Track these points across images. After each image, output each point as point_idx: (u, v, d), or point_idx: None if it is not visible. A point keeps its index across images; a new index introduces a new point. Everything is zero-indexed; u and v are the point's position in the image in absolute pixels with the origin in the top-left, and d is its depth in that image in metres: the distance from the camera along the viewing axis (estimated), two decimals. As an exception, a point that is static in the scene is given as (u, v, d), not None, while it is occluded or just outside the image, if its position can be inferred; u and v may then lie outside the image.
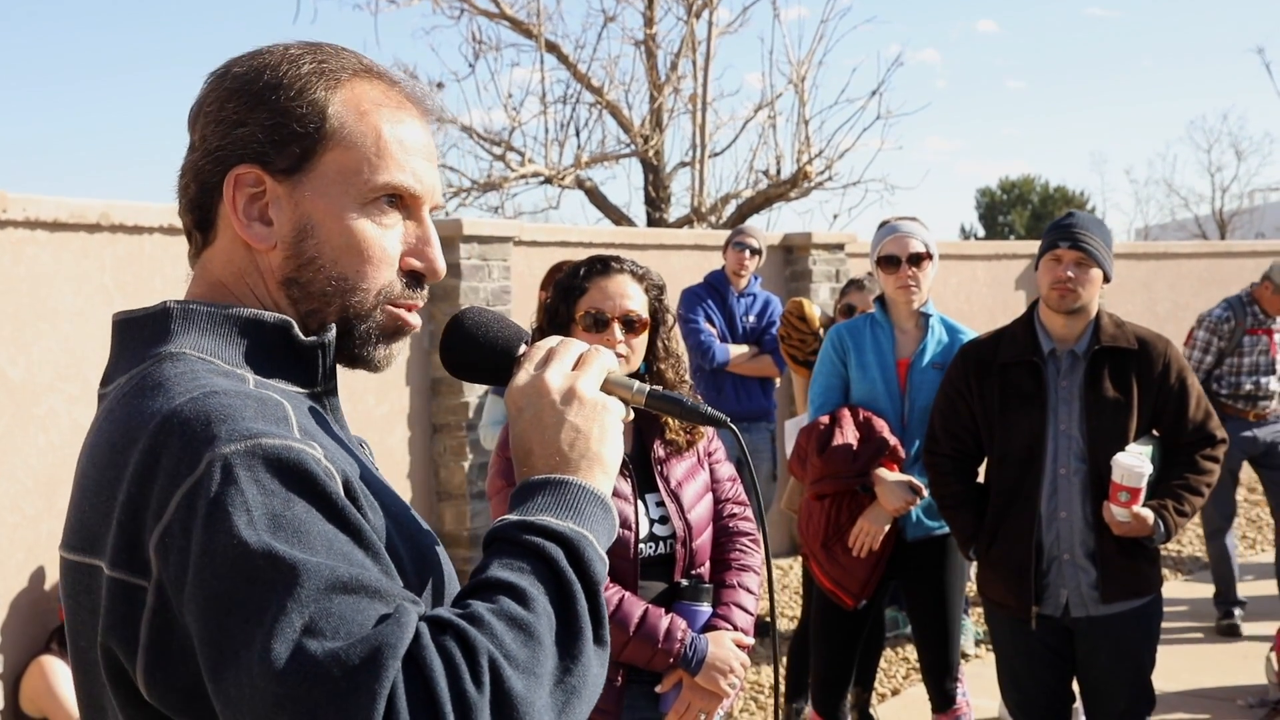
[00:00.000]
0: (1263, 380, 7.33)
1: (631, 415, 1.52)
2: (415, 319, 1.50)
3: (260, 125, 1.40)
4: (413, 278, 1.48)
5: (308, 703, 1.12)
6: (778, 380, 7.28)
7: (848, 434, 4.47)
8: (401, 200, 1.46)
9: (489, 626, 1.20)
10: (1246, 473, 7.94)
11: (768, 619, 7.40)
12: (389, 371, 1.68)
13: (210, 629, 1.17)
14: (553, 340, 1.48)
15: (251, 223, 1.42)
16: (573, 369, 1.44)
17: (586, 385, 1.42)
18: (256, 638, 1.14)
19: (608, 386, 1.48)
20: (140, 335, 1.42)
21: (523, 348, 1.50)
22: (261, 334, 1.41)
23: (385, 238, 1.44)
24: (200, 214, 1.46)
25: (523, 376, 1.43)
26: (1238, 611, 7.30)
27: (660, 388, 1.54)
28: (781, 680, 6.22)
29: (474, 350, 1.51)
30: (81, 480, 1.34)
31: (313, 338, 1.43)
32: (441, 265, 1.50)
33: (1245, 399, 7.33)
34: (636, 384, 1.52)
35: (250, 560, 1.17)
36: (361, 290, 1.44)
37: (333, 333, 1.44)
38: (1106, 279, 4.07)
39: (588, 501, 1.36)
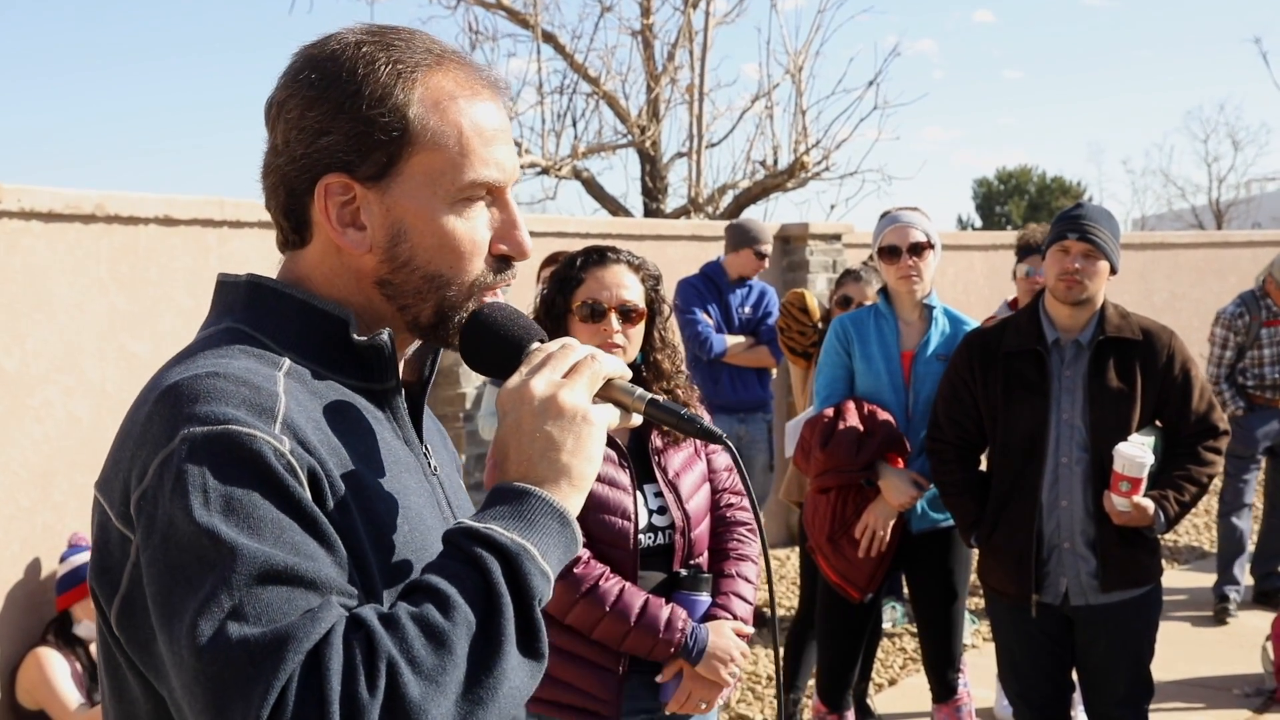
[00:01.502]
0: None
1: (638, 420, 1.52)
2: (500, 293, 1.55)
3: (344, 134, 1.44)
4: (502, 261, 1.53)
5: (218, 681, 1.19)
6: (774, 371, 7.28)
7: (852, 426, 4.46)
8: (488, 190, 1.50)
9: (401, 630, 1.24)
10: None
11: (765, 610, 7.41)
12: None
13: (158, 593, 1.25)
14: (555, 344, 1.49)
15: (345, 230, 1.47)
16: (563, 377, 1.44)
17: (569, 395, 1.42)
18: (189, 610, 1.22)
19: (609, 392, 1.49)
20: (224, 299, 1.52)
21: (533, 346, 1.50)
22: (320, 324, 1.48)
23: (475, 231, 1.49)
24: (294, 219, 1.51)
25: (514, 380, 1.45)
26: (1234, 595, 7.35)
27: (661, 398, 1.53)
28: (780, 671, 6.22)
29: (485, 343, 1.52)
30: (120, 425, 1.42)
31: (365, 339, 1.48)
32: (529, 245, 1.55)
33: (1272, 388, 7.54)
34: (638, 391, 1.51)
35: (198, 538, 1.24)
36: (456, 284, 1.49)
37: (386, 334, 1.48)
38: (1114, 271, 4.07)
39: (543, 514, 1.36)
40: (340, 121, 1.44)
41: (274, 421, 1.32)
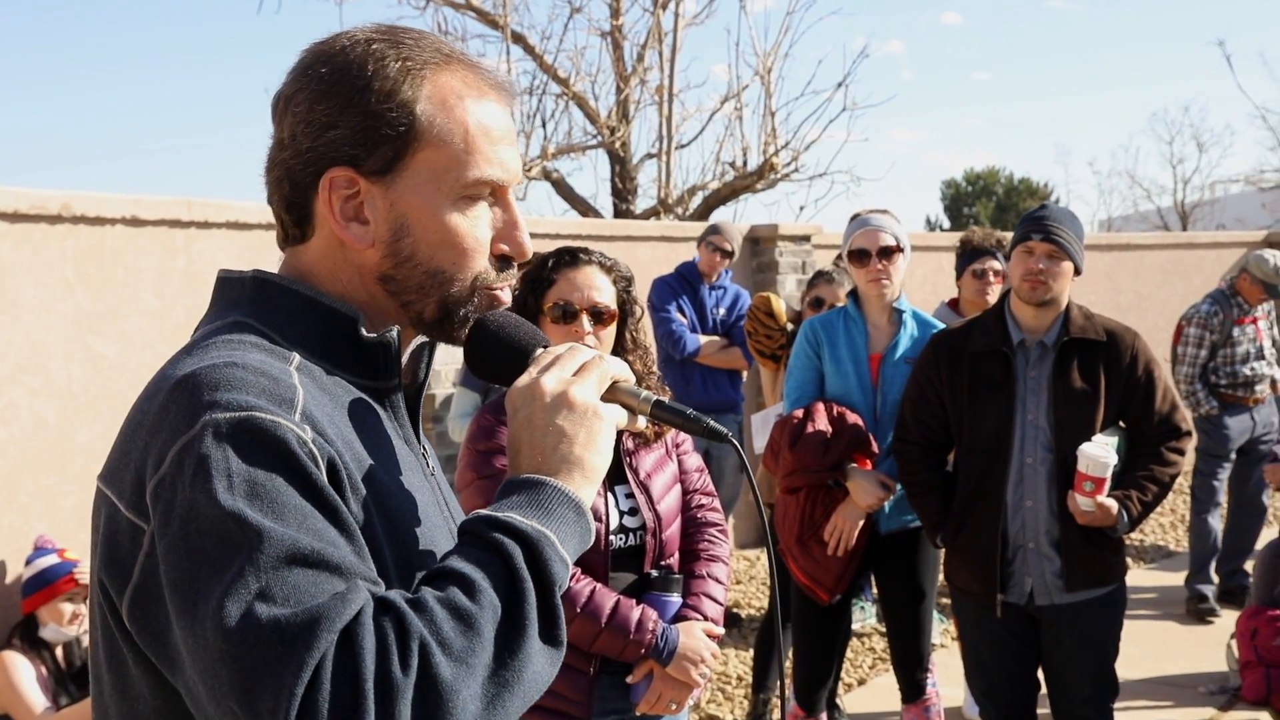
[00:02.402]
0: (1256, 365, 7.63)
1: (644, 423, 1.55)
2: (506, 297, 1.57)
3: (351, 128, 1.46)
4: (503, 260, 1.55)
5: (247, 662, 1.19)
6: (745, 372, 7.30)
7: (820, 428, 4.48)
8: (491, 189, 1.52)
9: (430, 612, 1.25)
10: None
11: (735, 609, 7.43)
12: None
13: (178, 579, 1.24)
14: (563, 347, 1.52)
15: (348, 223, 1.49)
16: (573, 375, 1.47)
17: (580, 391, 1.45)
18: (214, 593, 1.21)
19: (615, 394, 1.51)
20: (228, 295, 1.52)
21: (539, 351, 1.53)
22: (328, 320, 1.49)
23: (477, 229, 1.51)
24: (297, 212, 1.52)
25: (524, 379, 1.48)
26: (1210, 592, 7.43)
27: (666, 399, 1.56)
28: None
29: (492, 348, 1.55)
30: (125, 418, 1.42)
31: (374, 335, 1.49)
32: (529, 246, 1.57)
33: (1244, 385, 7.60)
34: (644, 393, 1.54)
35: (223, 522, 1.23)
36: (458, 281, 1.51)
37: (395, 331, 1.50)
38: (1077, 271, 4.10)
39: (560, 503, 1.39)
40: (348, 115, 1.45)
41: (294, 411, 1.33)
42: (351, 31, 1.51)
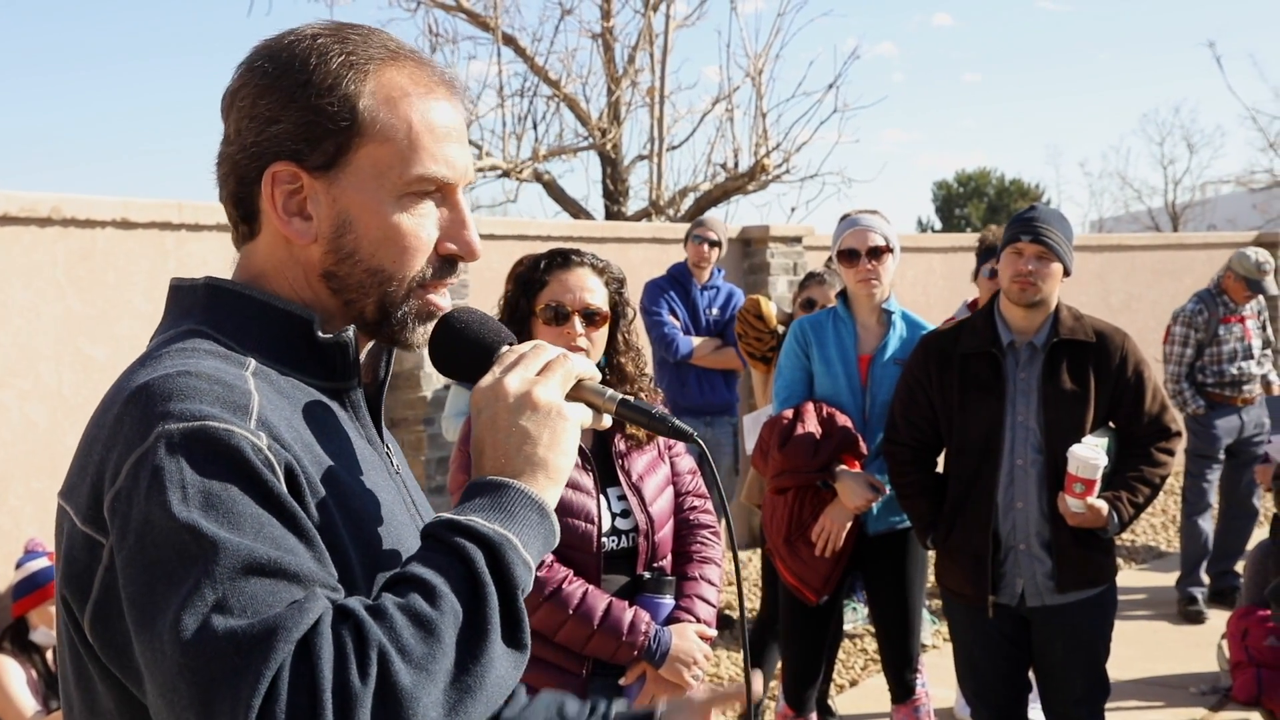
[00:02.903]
0: (1243, 364, 7.61)
1: (609, 422, 1.54)
2: (445, 301, 1.55)
3: (294, 123, 1.44)
4: (447, 261, 1.53)
5: (205, 674, 1.18)
6: (741, 373, 7.29)
7: (809, 428, 4.48)
8: (436, 187, 1.50)
9: (389, 619, 1.24)
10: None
11: (727, 611, 7.42)
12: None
13: (136, 592, 1.24)
14: (527, 345, 1.50)
15: (291, 218, 1.47)
16: (537, 374, 1.46)
17: (544, 391, 1.44)
18: (171, 606, 1.20)
19: (580, 392, 1.50)
20: (181, 304, 1.51)
21: (503, 349, 1.52)
22: (283, 324, 1.48)
23: (421, 227, 1.49)
24: (242, 208, 1.51)
25: (487, 379, 1.46)
26: (1200, 594, 7.43)
27: (632, 397, 1.54)
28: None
29: (457, 347, 1.53)
30: (83, 432, 1.41)
31: (330, 336, 1.48)
32: (477, 246, 1.54)
33: (1231, 385, 7.59)
34: (609, 392, 1.52)
35: (179, 534, 1.23)
36: (398, 279, 1.49)
37: (351, 331, 1.49)
38: (1067, 273, 4.11)
39: (522, 505, 1.37)
40: (290, 110, 1.44)
41: (249, 418, 1.31)
42: (300, 28, 1.50)
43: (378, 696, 1.19)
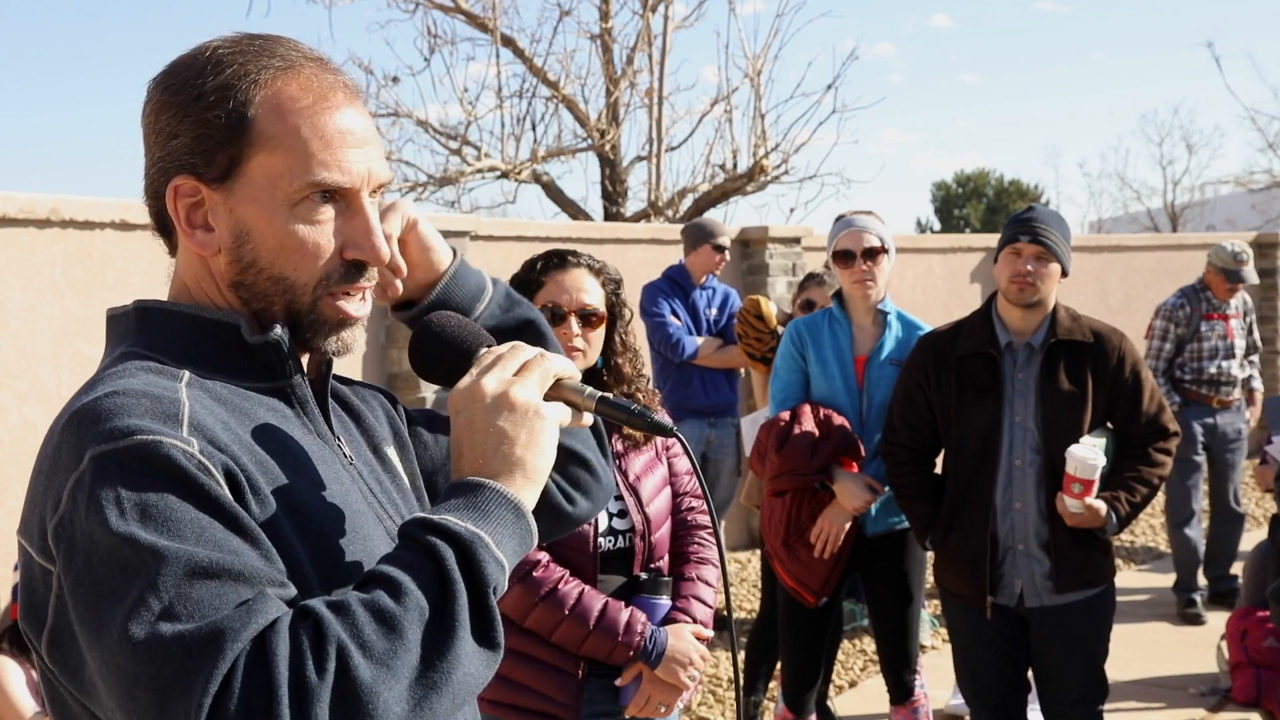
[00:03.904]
0: (1224, 364, 7.51)
1: (590, 420, 1.54)
2: (356, 308, 1.54)
3: (190, 136, 1.46)
4: (354, 266, 1.52)
5: (158, 680, 1.20)
6: (743, 372, 7.29)
7: (806, 430, 4.48)
8: (333, 194, 1.49)
9: (351, 615, 1.25)
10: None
11: (724, 613, 7.42)
12: (343, 366, 1.69)
13: (84, 612, 1.25)
14: (504, 346, 1.51)
15: (195, 230, 1.49)
16: (514, 375, 1.47)
17: (521, 391, 1.44)
18: (118, 619, 1.22)
19: (560, 391, 1.51)
20: (116, 331, 1.54)
21: (482, 351, 1.52)
22: (212, 333, 1.50)
23: (318, 234, 1.49)
24: (159, 221, 1.54)
25: (465, 380, 1.47)
26: (1198, 598, 7.41)
27: (611, 394, 1.55)
28: (741, 674, 6.24)
29: (436, 350, 1.54)
30: (33, 467, 1.43)
31: (259, 337, 1.49)
32: (383, 249, 1.52)
33: (1209, 384, 7.50)
34: (588, 389, 1.53)
35: (119, 549, 1.24)
36: (300, 286, 1.49)
37: (277, 330, 1.50)
38: (1065, 273, 4.11)
39: (498, 505, 1.38)
40: (185, 124, 1.46)
41: (180, 425, 1.33)
42: (207, 42, 1.51)
43: (337, 692, 1.20)
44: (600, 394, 1.53)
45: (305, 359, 1.58)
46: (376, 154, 1.53)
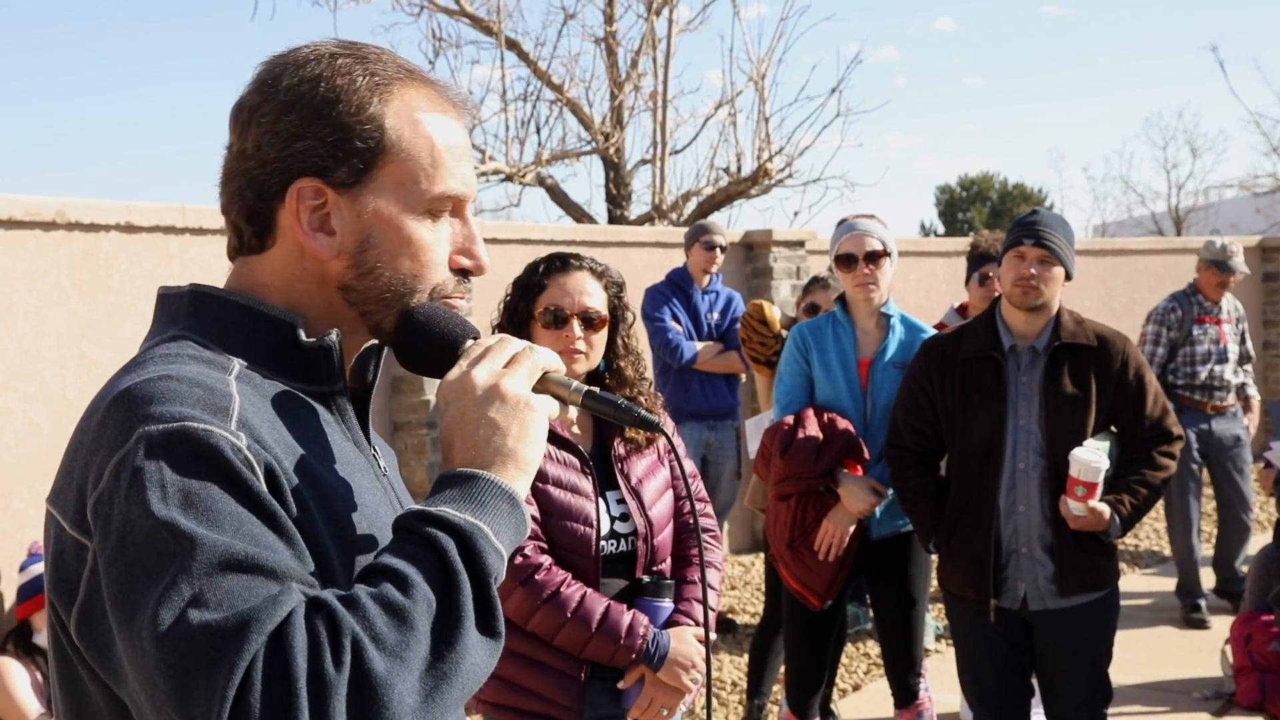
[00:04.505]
0: (1216, 369, 7.46)
1: (574, 414, 1.56)
2: (463, 310, 1.58)
3: (320, 139, 1.48)
4: (460, 274, 1.57)
5: (181, 668, 1.20)
6: (743, 377, 7.30)
7: (810, 434, 4.48)
8: (451, 204, 1.55)
9: (362, 608, 1.25)
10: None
11: (729, 615, 7.43)
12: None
13: (117, 592, 1.26)
14: (492, 339, 1.53)
15: (315, 234, 1.50)
16: (504, 367, 1.48)
17: (511, 383, 1.46)
18: (150, 602, 1.23)
19: (546, 385, 1.52)
20: (167, 311, 1.54)
21: (468, 343, 1.53)
22: (268, 328, 1.50)
23: (439, 242, 1.54)
24: (259, 222, 1.53)
25: (454, 372, 1.48)
26: (1202, 603, 7.40)
27: (597, 389, 1.56)
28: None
29: (421, 341, 1.54)
30: (70, 438, 1.43)
31: (314, 340, 1.50)
32: (486, 260, 1.59)
33: (1202, 389, 7.45)
34: (575, 384, 1.54)
35: (157, 532, 1.25)
36: (418, 292, 1.53)
37: (334, 335, 1.51)
38: (1068, 277, 4.11)
39: (493, 495, 1.39)
40: (317, 127, 1.47)
41: (229, 419, 1.34)
42: (315, 46, 1.53)
43: (353, 684, 1.21)
44: (586, 388, 1.55)
45: (349, 368, 1.60)
46: (473, 166, 1.60)
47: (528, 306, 3.12)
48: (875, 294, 4.58)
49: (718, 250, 7.16)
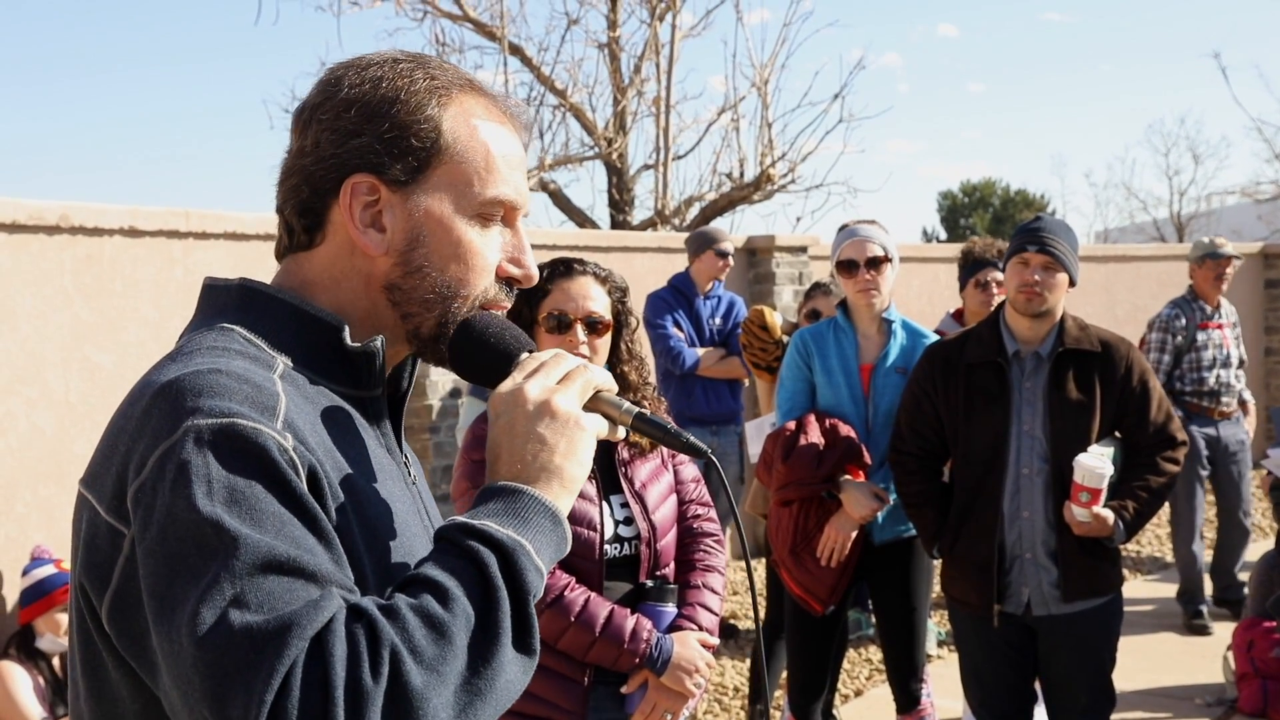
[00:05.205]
0: (1222, 374, 7.46)
1: (624, 434, 1.55)
2: None
3: (378, 137, 1.49)
4: (505, 284, 1.57)
5: (218, 668, 1.19)
6: (745, 382, 7.29)
7: (812, 440, 4.49)
8: (503, 211, 1.56)
9: (402, 619, 1.25)
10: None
11: (731, 620, 7.42)
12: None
13: (156, 584, 1.25)
14: (548, 353, 1.52)
15: (366, 229, 1.51)
16: (557, 383, 1.47)
17: (563, 400, 1.45)
18: (190, 599, 1.22)
19: (597, 404, 1.51)
20: (214, 302, 1.53)
21: (524, 355, 1.53)
22: (313, 329, 1.50)
23: (489, 247, 1.55)
24: (311, 218, 1.53)
25: (507, 384, 1.48)
26: (1204, 609, 7.39)
27: (648, 411, 1.55)
28: (744, 680, 6.24)
29: (477, 350, 1.54)
30: (109, 423, 1.42)
31: (359, 345, 1.50)
32: (535, 270, 1.60)
33: (1209, 395, 7.45)
34: (626, 404, 1.53)
35: (201, 528, 1.24)
36: (462, 297, 1.53)
37: (379, 341, 1.51)
38: (1072, 283, 4.11)
39: (536, 512, 1.39)
40: (375, 124, 1.49)
41: (276, 418, 1.33)
42: (380, 54, 1.56)
43: (389, 696, 1.21)
44: (637, 410, 1.54)
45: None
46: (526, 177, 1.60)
47: (531, 311, 3.12)
48: (877, 299, 4.58)
49: (730, 258, 7.16)
